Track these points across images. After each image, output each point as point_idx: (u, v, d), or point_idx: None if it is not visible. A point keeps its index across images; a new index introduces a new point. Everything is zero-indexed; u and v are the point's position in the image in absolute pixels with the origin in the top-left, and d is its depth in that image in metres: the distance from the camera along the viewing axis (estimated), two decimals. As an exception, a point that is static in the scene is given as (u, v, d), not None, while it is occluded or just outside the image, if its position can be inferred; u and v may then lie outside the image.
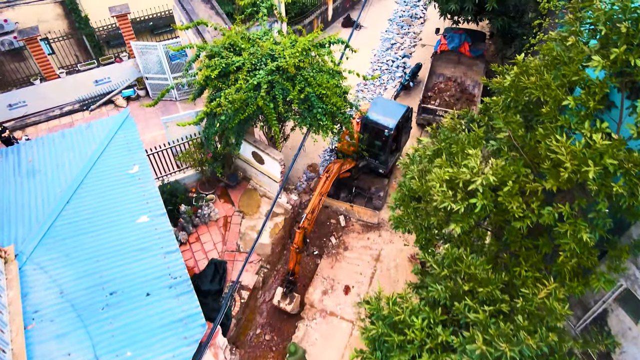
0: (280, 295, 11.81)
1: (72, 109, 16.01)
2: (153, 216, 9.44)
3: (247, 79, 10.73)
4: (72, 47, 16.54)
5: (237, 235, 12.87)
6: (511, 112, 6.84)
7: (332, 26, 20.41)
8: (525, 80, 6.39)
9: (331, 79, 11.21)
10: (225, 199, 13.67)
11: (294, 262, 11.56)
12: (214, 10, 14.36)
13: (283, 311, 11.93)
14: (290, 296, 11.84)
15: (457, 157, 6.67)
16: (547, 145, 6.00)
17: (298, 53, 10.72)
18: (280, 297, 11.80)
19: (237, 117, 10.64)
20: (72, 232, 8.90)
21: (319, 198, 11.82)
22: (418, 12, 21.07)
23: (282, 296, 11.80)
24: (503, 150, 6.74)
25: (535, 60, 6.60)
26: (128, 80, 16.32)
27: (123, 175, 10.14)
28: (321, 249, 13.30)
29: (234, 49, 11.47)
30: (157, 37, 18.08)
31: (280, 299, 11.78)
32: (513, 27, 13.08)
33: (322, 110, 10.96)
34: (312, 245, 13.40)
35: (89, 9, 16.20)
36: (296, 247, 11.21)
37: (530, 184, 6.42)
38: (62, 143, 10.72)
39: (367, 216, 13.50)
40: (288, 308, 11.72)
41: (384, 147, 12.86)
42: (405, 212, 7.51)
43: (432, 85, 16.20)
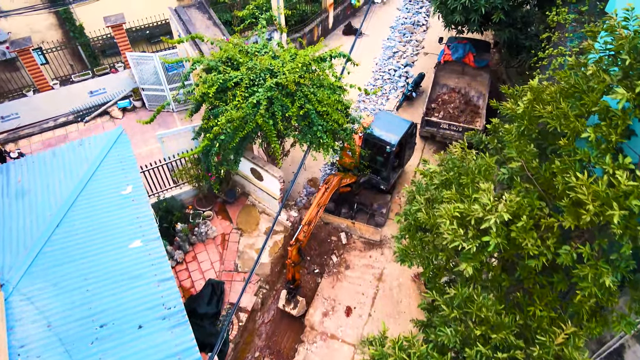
0: (285, 299, 11.82)
1: (67, 121, 15.62)
2: (147, 240, 9.04)
3: (245, 95, 10.33)
4: (66, 57, 16.13)
5: (235, 254, 12.46)
6: (524, 140, 6.44)
7: (333, 34, 20.01)
8: (541, 109, 5.99)
9: (332, 95, 10.82)
10: (223, 215, 13.26)
11: (291, 274, 11.39)
12: (212, 20, 13.97)
13: (284, 329, 11.68)
14: (294, 301, 11.78)
15: (467, 189, 6.27)
16: (565, 180, 5.61)
17: (298, 68, 10.32)
18: (285, 301, 11.81)
19: (236, 135, 10.24)
20: (62, 259, 8.50)
21: (316, 210, 11.47)
22: (420, 19, 20.67)
23: (286, 301, 11.81)
24: (516, 181, 6.34)
25: (550, 87, 6.20)
26: (124, 91, 15.92)
27: (116, 196, 9.74)
28: (322, 267, 12.90)
29: (231, 63, 11.08)
30: (153, 46, 17.67)
31: (284, 302, 11.80)
32: (520, 39, 12.69)
33: (323, 127, 10.56)
34: (313, 264, 13.00)
35: (84, 18, 15.79)
36: (291, 262, 10.98)
37: (545, 218, 6.03)
38: (53, 162, 10.32)
39: (369, 233, 13.10)
40: (293, 312, 11.72)
41: (385, 163, 12.47)
42: (411, 243, 7.11)
43: (436, 96, 15.81)
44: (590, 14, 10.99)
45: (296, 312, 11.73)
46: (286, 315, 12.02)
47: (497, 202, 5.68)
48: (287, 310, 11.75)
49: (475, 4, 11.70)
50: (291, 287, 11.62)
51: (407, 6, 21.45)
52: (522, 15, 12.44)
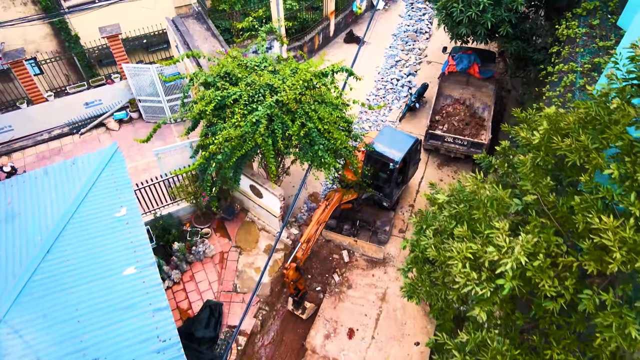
0: (292, 305, 11.85)
1: (62, 133, 15.24)
2: (141, 267, 8.67)
3: (244, 112, 9.96)
4: (62, 67, 15.77)
5: (234, 274, 12.09)
6: (539, 172, 6.07)
7: (334, 42, 19.64)
8: (559, 142, 5.61)
9: (334, 111, 10.44)
10: (221, 232, 12.88)
11: (291, 288, 11.22)
12: (210, 31, 13.59)
13: (284, 352, 11.41)
14: (302, 307, 11.76)
15: (479, 225, 5.89)
16: (586, 219, 5.24)
17: (299, 85, 9.95)
18: (292, 306, 11.84)
19: (234, 155, 9.87)
20: (52, 287, 8.13)
21: (316, 227, 11.15)
22: (423, 26, 20.29)
23: (293, 306, 11.83)
24: (531, 215, 5.96)
25: (568, 116, 5.82)
26: (120, 102, 15.55)
27: (109, 219, 9.36)
28: (323, 286, 12.51)
29: (230, 78, 10.70)
30: (151, 55, 17.32)
31: (292, 307, 11.87)
32: (527, 52, 12.30)
33: (324, 146, 10.19)
34: (314, 282, 12.62)
35: (79, 28, 15.42)
36: (290, 281, 10.82)
37: (563, 256, 5.66)
38: (45, 181, 9.94)
39: (372, 251, 12.72)
40: (303, 316, 11.80)
41: (388, 180, 12.08)
42: (419, 278, 6.73)
43: (440, 108, 15.43)
44: (602, 28, 10.62)
45: (305, 316, 11.76)
46: (288, 334, 11.68)
47: (513, 241, 5.30)
48: (297, 313, 11.84)
49: (482, 18, 11.32)
50: (295, 299, 11.57)
51: (409, 13, 21.08)
52: (530, 27, 12.05)
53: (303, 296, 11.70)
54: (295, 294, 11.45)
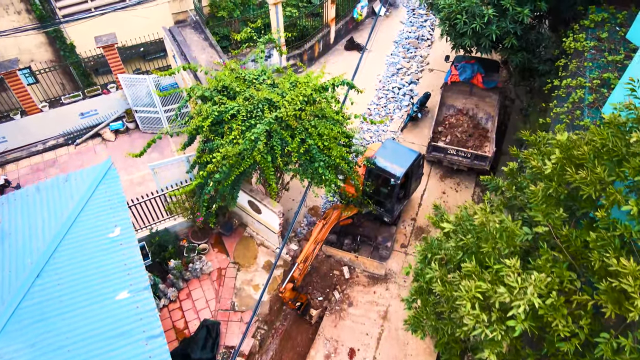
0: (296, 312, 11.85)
1: (56, 144, 14.94)
2: (135, 291, 8.36)
3: (242, 128, 9.66)
4: (57, 76, 15.48)
5: (232, 291, 11.78)
6: (551, 201, 5.77)
7: (335, 49, 19.33)
8: (573, 174, 5.31)
9: (335, 127, 10.14)
10: (219, 248, 12.57)
11: (291, 305, 11.19)
12: (208, 41, 13.29)
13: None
14: (308, 315, 11.76)
15: (488, 260, 5.59)
16: (602, 257, 4.94)
17: (298, 100, 9.64)
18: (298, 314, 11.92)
19: (232, 173, 9.57)
20: (42, 314, 7.83)
21: (313, 246, 10.91)
22: (425, 33, 19.99)
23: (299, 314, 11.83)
24: (542, 248, 5.66)
25: (582, 145, 5.51)
26: (116, 112, 15.25)
27: (103, 239, 9.05)
28: (325, 296, 12.18)
29: (227, 91, 10.40)
30: (148, 64, 17.02)
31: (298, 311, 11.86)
32: (533, 63, 12.00)
33: (324, 163, 9.88)
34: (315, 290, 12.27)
35: (75, 37, 15.12)
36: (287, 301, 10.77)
37: (577, 293, 5.36)
38: (36, 199, 9.64)
39: (374, 267, 12.42)
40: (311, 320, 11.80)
41: (390, 195, 11.78)
42: (423, 309, 6.42)
43: (443, 118, 15.12)
44: (610, 41, 10.32)
45: (313, 320, 11.73)
46: (287, 353, 11.41)
47: (525, 280, 5.01)
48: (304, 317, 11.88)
49: (486, 30, 11.02)
50: (299, 313, 11.62)
51: (410, 19, 20.77)
52: (536, 39, 11.75)
53: (307, 307, 11.65)
54: (298, 308, 11.42)
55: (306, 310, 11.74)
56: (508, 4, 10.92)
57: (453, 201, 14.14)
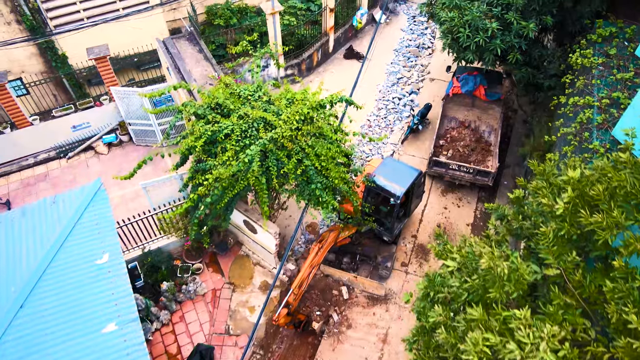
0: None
1: (48, 157, 14.58)
2: (122, 323, 8.00)
3: (236, 148, 9.28)
4: (49, 88, 15.10)
5: (227, 313, 11.40)
6: (563, 242, 5.38)
7: (334, 57, 18.95)
8: (587, 217, 4.93)
9: (332, 146, 9.75)
10: (214, 267, 12.20)
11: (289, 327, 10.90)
12: (202, 53, 12.91)
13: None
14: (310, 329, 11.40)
15: (496, 305, 5.21)
16: (620, 310, 4.57)
17: (294, 120, 9.26)
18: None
19: (225, 196, 9.19)
20: (25, 349, 7.46)
21: (308, 271, 10.51)
22: (426, 41, 19.61)
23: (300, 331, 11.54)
24: (553, 292, 5.28)
25: (597, 185, 5.13)
26: (109, 124, 14.88)
27: (90, 267, 8.69)
28: (323, 312, 11.78)
29: (221, 109, 10.02)
30: (143, 74, 16.63)
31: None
32: (538, 78, 11.62)
33: (322, 184, 9.50)
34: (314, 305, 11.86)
35: (67, 47, 14.74)
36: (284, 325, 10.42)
37: (592, 344, 4.98)
38: (22, 224, 9.27)
39: (373, 288, 12.04)
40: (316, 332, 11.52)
41: (390, 214, 11.41)
42: (425, 353, 6.04)
43: (444, 132, 14.74)
44: (619, 58, 9.94)
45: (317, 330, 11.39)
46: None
47: (536, 332, 4.63)
48: None
49: (490, 44, 10.65)
50: (299, 331, 11.36)
51: (411, 27, 20.39)
52: (541, 54, 11.37)
53: (307, 323, 11.29)
54: (297, 326, 11.11)
55: (307, 326, 11.37)
56: (512, 18, 10.55)
57: (455, 217, 13.76)
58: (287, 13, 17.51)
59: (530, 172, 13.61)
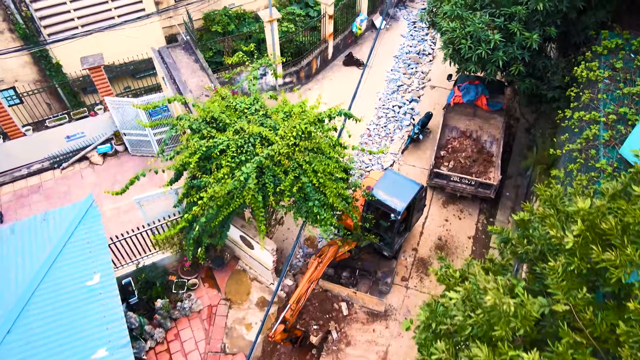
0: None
1: (41, 168, 14.30)
2: (113, 348, 7.74)
3: (231, 165, 9.01)
4: (43, 96, 14.85)
5: (223, 331, 11.14)
6: (573, 278, 5.12)
7: (333, 64, 18.67)
8: (599, 253, 4.66)
9: (331, 162, 9.48)
10: (210, 283, 11.92)
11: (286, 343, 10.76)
12: (199, 63, 12.64)
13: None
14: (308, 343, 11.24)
15: (502, 344, 4.94)
16: (635, 355, 4.30)
17: (292, 135, 9.00)
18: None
19: (220, 214, 8.93)
20: (11, 378, 7.20)
21: (307, 286, 10.27)
22: (426, 47, 19.33)
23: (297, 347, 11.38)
24: (562, 329, 5.01)
25: (609, 218, 4.86)
26: (104, 134, 14.59)
27: (81, 288, 8.43)
28: (320, 342, 11.53)
29: (216, 123, 9.76)
30: (139, 82, 16.37)
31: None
32: (541, 90, 11.35)
33: (320, 202, 9.24)
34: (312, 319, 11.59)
35: (61, 56, 14.47)
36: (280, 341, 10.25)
37: (603, 386, 4.72)
38: (10, 243, 9.00)
39: (373, 304, 11.77)
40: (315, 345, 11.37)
41: (390, 229, 11.14)
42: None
43: (445, 142, 14.48)
44: (625, 70, 9.67)
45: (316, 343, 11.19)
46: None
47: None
48: None
49: (493, 55, 10.38)
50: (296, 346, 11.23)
51: (411, 33, 20.10)
52: (544, 65, 11.10)
53: (304, 338, 11.09)
54: (294, 342, 10.91)
55: (304, 341, 11.16)
56: (516, 29, 10.28)
57: (456, 230, 13.49)
58: (286, 19, 17.24)
59: (533, 182, 13.35)
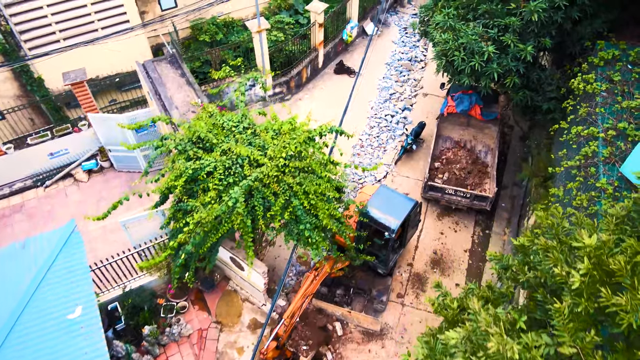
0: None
1: (24, 186, 13.84)
2: (96, 389, 7.34)
3: (219, 188, 8.65)
4: (25, 111, 14.39)
5: (214, 356, 10.76)
6: (580, 318, 4.82)
7: (324, 73, 18.34)
8: (608, 296, 4.37)
9: (322, 181, 9.14)
10: (199, 305, 11.54)
11: None
12: (185, 78, 12.25)
13: None
14: None
15: (506, 393, 4.64)
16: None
17: (281, 156, 8.65)
18: None
19: (208, 240, 8.56)
20: None
21: (302, 300, 9.99)
22: (418, 54, 19.05)
23: None
24: (569, 374, 4.72)
25: (618, 258, 4.57)
26: (89, 150, 14.17)
27: (61, 322, 8.03)
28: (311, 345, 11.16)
29: (203, 143, 9.39)
30: (125, 94, 15.95)
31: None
32: (536, 101, 11.09)
33: (311, 225, 8.90)
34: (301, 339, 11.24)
35: (43, 70, 14.02)
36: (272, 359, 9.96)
37: None
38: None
39: (368, 323, 11.45)
40: None
41: (384, 247, 10.83)
42: None
43: (439, 153, 14.20)
44: (623, 83, 9.42)
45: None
46: None
47: None
48: None
49: (487, 68, 10.10)
50: None
51: (403, 39, 19.83)
52: (538, 77, 10.83)
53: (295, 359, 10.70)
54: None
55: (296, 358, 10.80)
56: (510, 40, 10.01)
57: (452, 243, 13.20)
58: (275, 28, 16.89)
59: (529, 193, 13.10)
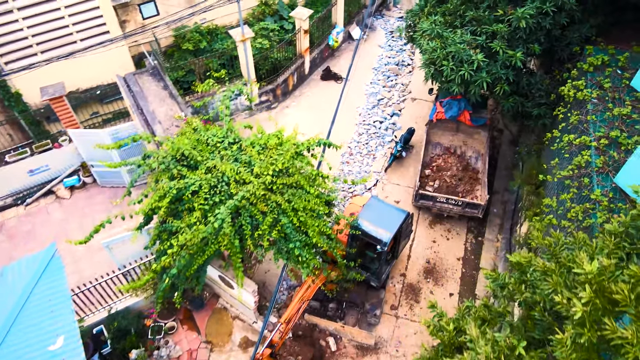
0: None
1: (3, 205, 13.39)
2: None
3: (204, 207, 8.36)
4: (3, 127, 13.94)
5: (204, 377, 10.46)
6: (582, 349, 4.63)
7: (310, 79, 18.09)
8: (613, 328, 4.18)
9: (311, 197, 8.89)
10: (189, 324, 11.22)
11: None
12: (167, 90, 11.93)
13: None
14: None
15: None
16: None
17: (268, 173, 8.39)
18: None
19: (194, 263, 8.26)
20: None
21: (298, 305, 9.73)
22: (405, 58, 18.88)
23: None
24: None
25: (621, 286, 4.38)
26: (71, 166, 13.75)
27: (42, 355, 7.66)
28: None
29: (187, 160, 9.09)
30: (107, 106, 15.54)
31: None
32: (526, 107, 10.95)
33: (301, 243, 8.64)
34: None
35: (20, 85, 13.57)
36: None
37: None
38: (-37, 304, 8.19)
39: (362, 337, 11.22)
40: None
41: (377, 259, 10.61)
42: None
43: (430, 160, 14.02)
44: (613, 89, 9.31)
45: None
46: None
47: None
48: None
49: (476, 76, 9.93)
50: None
51: (389, 43, 19.64)
52: (528, 83, 10.70)
53: None
54: None
55: None
56: (498, 47, 9.85)
57: (444, 251, 13.03)
58: (260, 35, 16.58)
59: (521, 199, 12.99)
